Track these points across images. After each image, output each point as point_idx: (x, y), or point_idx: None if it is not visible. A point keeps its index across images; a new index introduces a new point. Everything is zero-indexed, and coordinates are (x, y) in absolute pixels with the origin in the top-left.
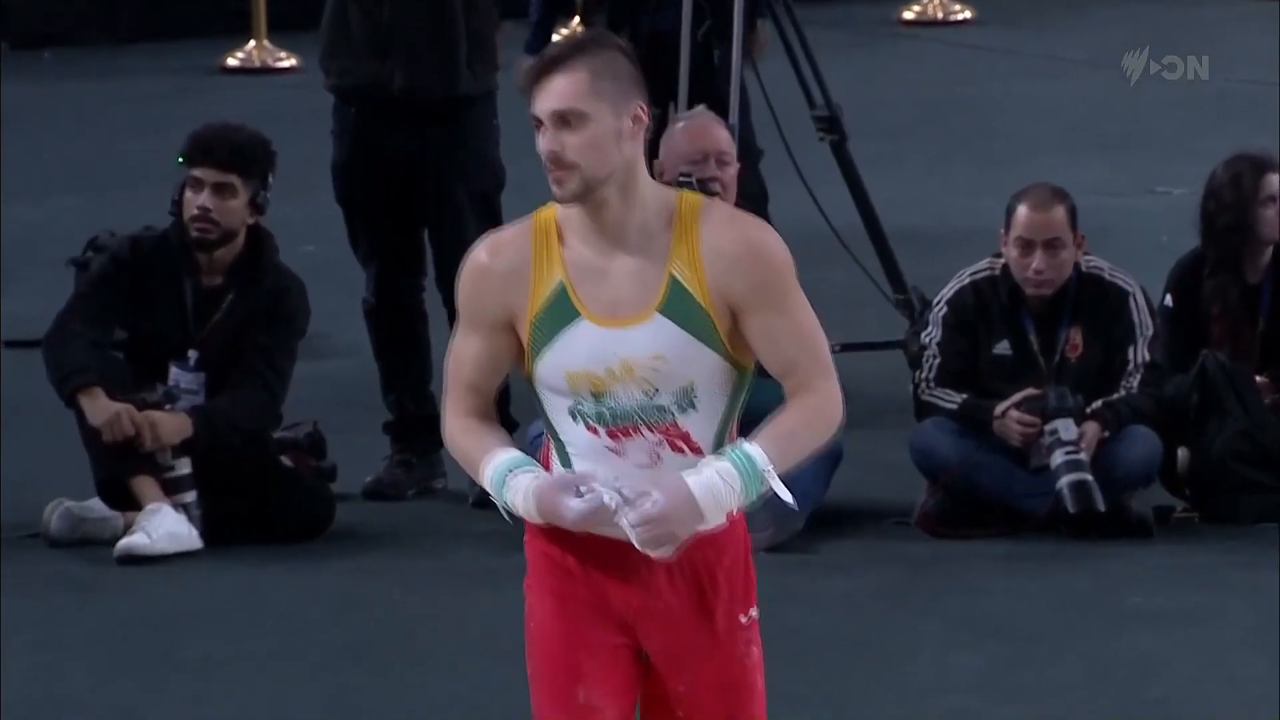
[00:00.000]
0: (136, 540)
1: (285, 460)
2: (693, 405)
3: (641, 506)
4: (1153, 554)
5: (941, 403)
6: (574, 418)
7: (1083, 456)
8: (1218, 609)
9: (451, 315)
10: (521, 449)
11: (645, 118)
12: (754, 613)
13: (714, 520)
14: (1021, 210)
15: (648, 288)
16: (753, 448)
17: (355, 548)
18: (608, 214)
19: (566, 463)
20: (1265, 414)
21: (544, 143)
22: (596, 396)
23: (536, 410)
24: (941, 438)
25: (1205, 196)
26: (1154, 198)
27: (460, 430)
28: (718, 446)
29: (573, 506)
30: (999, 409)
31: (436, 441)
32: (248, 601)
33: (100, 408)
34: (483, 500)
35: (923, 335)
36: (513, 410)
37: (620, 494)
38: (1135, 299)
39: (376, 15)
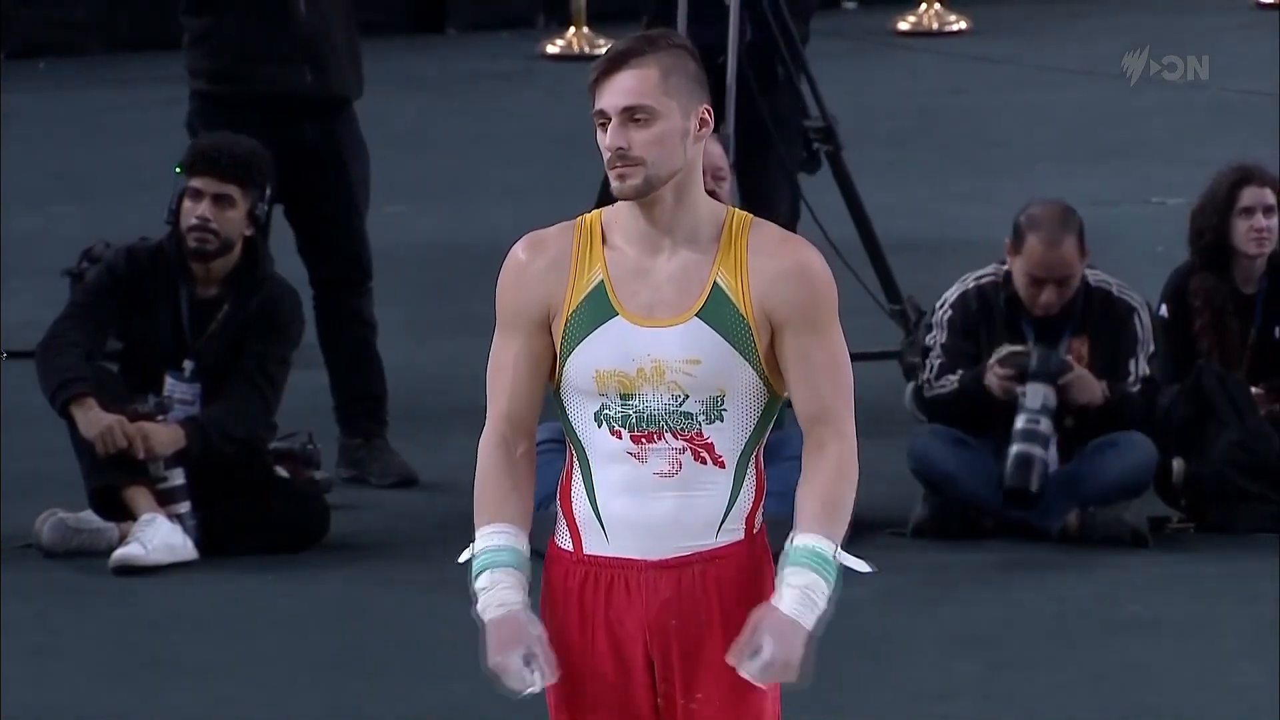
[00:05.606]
0: (132, 551)
1: (280, 470)
2: (720, 417)
3: (758, 660)
4: (1149, 563)
5: (944, 391)
6: (598, 422)
7: (1042, 427)
8: (1215, 618)
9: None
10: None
11: (710, 120)
12: None
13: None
14: (1033, 243)
15: (689, 291)
16: (816, 541)
17: (350, 557)
18: (659, 214)
19: (586, 471)
20: (1261, 424)
21: (610, 138)
22: (624, 398)
23: (559, 418)
24: (940, 446)
25: (1195, 207)
26: (1150, 208)
27: (490, 468)
28: (743, 465)
29: (506, 665)
30: (990, 361)
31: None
32: (243, 611)
33: (93, 419)
34: None
35: (925, 338)
36: None
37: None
38: (1140, 315)
39: (294, 24)
